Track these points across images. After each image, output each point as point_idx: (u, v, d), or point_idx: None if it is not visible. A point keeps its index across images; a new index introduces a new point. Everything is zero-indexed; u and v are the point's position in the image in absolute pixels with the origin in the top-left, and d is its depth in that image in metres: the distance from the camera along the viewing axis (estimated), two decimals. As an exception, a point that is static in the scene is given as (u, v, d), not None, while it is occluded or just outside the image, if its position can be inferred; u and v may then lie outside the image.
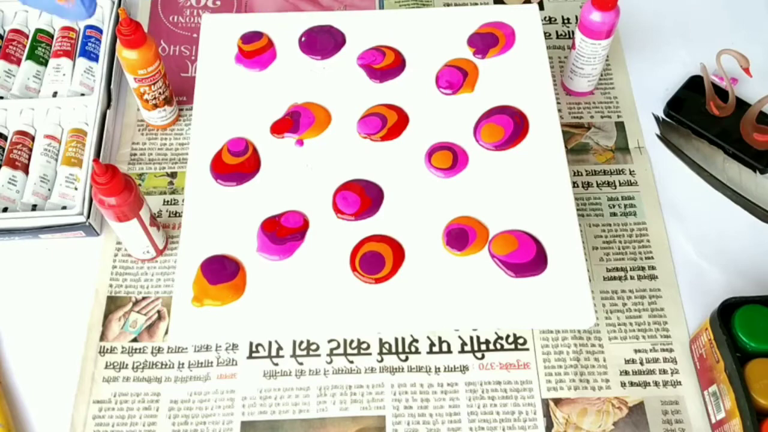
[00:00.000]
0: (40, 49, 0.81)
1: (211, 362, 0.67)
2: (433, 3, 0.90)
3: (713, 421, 0.63)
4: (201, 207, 0.66)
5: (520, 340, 0.68)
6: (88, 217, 0.70)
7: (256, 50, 0.74)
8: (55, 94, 0.79)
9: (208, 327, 0.61)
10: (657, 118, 0.80)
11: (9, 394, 0.65)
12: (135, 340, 0.68)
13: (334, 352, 0.67)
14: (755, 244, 0.73)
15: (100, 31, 0.82)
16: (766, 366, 0.59)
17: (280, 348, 0.68)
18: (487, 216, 0.66)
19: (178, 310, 0.62)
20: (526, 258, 0.64)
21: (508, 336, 0.68)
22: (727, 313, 0.62)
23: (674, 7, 0.88)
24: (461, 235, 0.65)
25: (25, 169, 0.74)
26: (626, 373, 0.66)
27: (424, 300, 0.62)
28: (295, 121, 0.70)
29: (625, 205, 0.75)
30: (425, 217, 0.66)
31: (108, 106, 0.78)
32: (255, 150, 0.69)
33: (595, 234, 0.73)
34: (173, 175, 0.77)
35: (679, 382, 0.66)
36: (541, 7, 0.89)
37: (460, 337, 0.68)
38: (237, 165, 0.68)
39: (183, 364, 0.67)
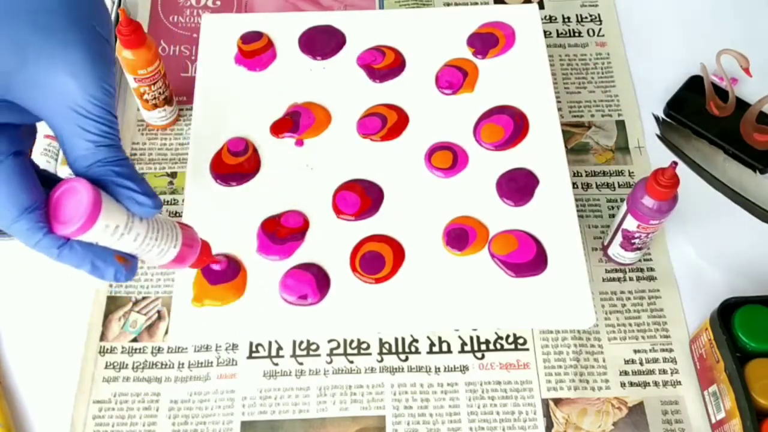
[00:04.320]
0: (40, 48, 0.81)
1: (211, 362, 0.67)
2: (433, 3, 0.90)
3: (713, 421, 0.63)
4: (201, 207, 0.66)
5: (520, 340, 0.68)
6: (88, 217, 0.70)
7: (256, 50, 0.74)
8: (55, 94, 0.79)
9: (208, 327, 0.61)
10: (657, 118, 0.80)
11: (9, 394, 0.66)
12: (135, 340, 0.68)
13: (334, 352, 0.67)
14: (755, 244, 0.73)
15: (100, 30, 0.82)
16: (766, 366, 0.60)
17: (280, 348, 0.68)
18: (487, 216, 0.66)
19: (178, 310, 0.62)
20: (526, 258, 0.64)
21: (508, 336, 0.68)
22: (727, 313, 0.62)
23: (674, 7, 0.88)
24: (461, 235, 0.65)
25: (25, 169, 0.74)
26: (626, 373, 0.66)
27: (424, 300, 0.62)
28: (295, 121, 0.70)
29: (625, 205, 0.75)
30: (425, 217, 0.66)
31: (108, 106, 0.78)
32: (255, 150, 0.69)
33: (594, 235, 0.73)
34: (173, 175, 0.77)
35: (679, 382, 0.66)
36: (542, 6, 0.89)
37: (460, 337, 0.68)
38: (237, 165, 0.68)
39: (183, 364, 0.67)
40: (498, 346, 0.68)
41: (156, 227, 0.48)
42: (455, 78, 0.73)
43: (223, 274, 0.63)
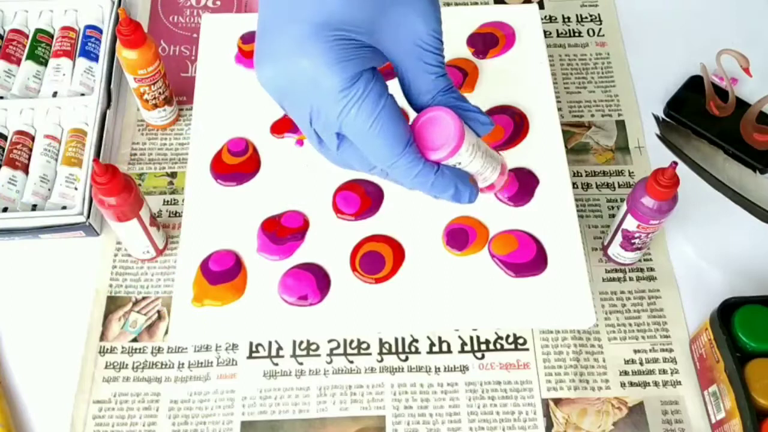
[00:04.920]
0: (40, 49, 0.81)
1: (211, 362, 0.67)
2: (433, 3, 0.90)
3: (713, 421, 0.63)
4: (201, 207, 0.66)
5: (520, 340, 0.68)
6: (88, 217, 0.70)
7: (256, 50, 0.74)
8: (55, 94, 0.79)
9: (208, 327, 0.61)
10: (657, 118, 0.80)
11: (9, 394, 0.66)
12: (135, 340, 0.68)
13: (334, 352, 0.67)
14: (755, 244, 0.73)
15: (100, 31, 0.82)
16: (766, 366, 0.60)
17: (280, 348, 0.68)
18: (487, 216, 0.66)
19: (178, 310, 0.62)
20: (526, 258, 0.64)
21: (508, 336, 0.68)
22: (727, 313, 0.62)
23: (674, 7, 0.88)
24: (461, 235, 0.65)
25: (25, 169, 0.74)
26: (626, 373, 0.66)
27: (424, 300, 0.62)
28: (295, 121, 0.70)
29: (625, 205, 0.75)
30: (425, 217, 0.66)
31: (108, 106, 0.78)
32: (255, 150, 0.69)
33: (594, 235, 0.73)
34: (173, 175, 0.77)
35: (679, 382, 0.66)
36: (542, 6, 0.89)
37: (460, 337, 0.68)
38: (237, 165, 0.68)
39: (183, 364, 0.67)
40: (498, 346, 0.68)
41: (485, 146, 0.51)
42: (455, 78, 0.73)
43: (223, 274, 0.63)
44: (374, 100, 0.44)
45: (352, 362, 0.67)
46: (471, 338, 0.68)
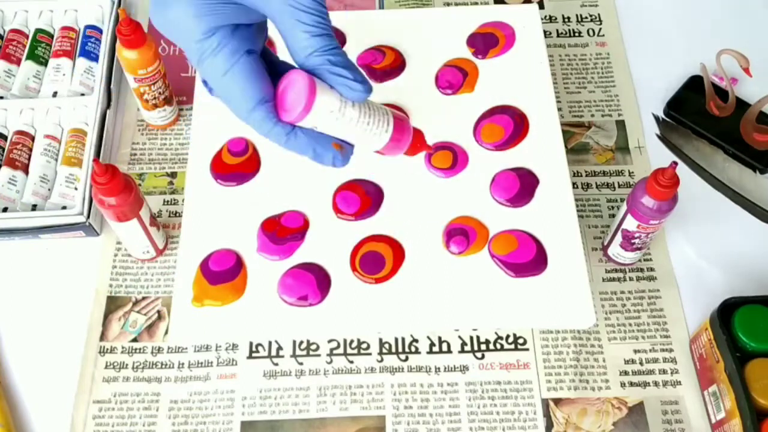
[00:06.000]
0: (40, 49, 0.81)
1: (211, 362, 0.67)
2: (433, 3, 0.90)
3: (713, 421, 0.63)
4: (201, 207, 0.66)
5: (520, 340, 0.68)
6: (88, 217, 0.70)
7: (256, 50, 0.74)
8: (55, 94, 0.79)
9: (208, 327, 0.61)
10: (657, 118, 0.80)
11: (9, 394, 0.66)
12: (135, 340, 0.68)
13: (334, 352, 0.67)
14: (755, 244, 0.73)
15: (100, 31, 0.82)
16: (766, 366, 0.60)
17: (280, 348, 0.68)
18: (487, 216, 0.66)
19: (178, 310, 0.62)
20: (526, 258, 0.64)
21: (508, 336, 0.68)
22: (727, 313, 0.62)
23: (674, 7, 0.88)
24: (461, 235, 0.65)
25: (25, 169, 0.74)
26: (626, 373, 0.66)
27: (424, 300, 0.62)
28: (295, 121, 0.70)
29: (625, 205, 0.75)
30: (425, 217, 0.66)
31: (108, 106, 0.78)
32: (255, 150, 0.69)
33: (594, 235, 0.73)
34: (173, 175, 0.77)
35: (679, 382, 0.66)
36: (542, 6, 0.89)
37: (460, 337, 0.68)
38: (237, 165, 0.68)
39: (183, 364, 0.67)
40: (498, 346, 0.68)
41: (368, 112, 0.50)
42: (455, 78, 0.73)
43: (223, 274, 0.63)
44: (227, 55, 0.46)
45: (352, 362, 0.67)
46: (471, 338, 0.68)
